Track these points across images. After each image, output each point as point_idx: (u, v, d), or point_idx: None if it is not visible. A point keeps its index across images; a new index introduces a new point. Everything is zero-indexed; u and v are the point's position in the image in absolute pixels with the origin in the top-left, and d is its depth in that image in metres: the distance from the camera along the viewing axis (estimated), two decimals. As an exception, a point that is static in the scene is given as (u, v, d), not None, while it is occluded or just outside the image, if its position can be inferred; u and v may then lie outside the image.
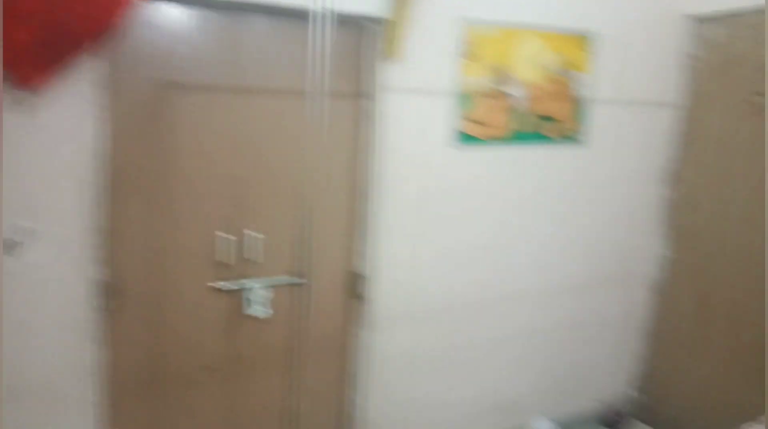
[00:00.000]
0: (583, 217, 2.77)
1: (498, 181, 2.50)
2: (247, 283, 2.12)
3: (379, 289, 2.33)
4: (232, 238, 2.08)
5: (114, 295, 1.93)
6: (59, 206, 1.77)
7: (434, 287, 2.46)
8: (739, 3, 2.55)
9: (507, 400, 2.79)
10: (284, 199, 2.14)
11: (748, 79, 2.61)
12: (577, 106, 2.58)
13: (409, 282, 2.40)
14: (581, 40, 2.52)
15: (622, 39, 2.63)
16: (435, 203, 2.38)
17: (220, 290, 2.10)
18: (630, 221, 2.91)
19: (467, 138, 2.36)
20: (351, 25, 2.13)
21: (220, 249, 2.07)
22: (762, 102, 2.53)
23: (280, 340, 2.23)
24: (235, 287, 2.12)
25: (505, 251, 2.59)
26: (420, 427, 2.58)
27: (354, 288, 2.33)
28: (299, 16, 1.96)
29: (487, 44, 2.32)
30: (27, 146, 1.69)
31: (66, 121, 1.73)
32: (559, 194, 2.67)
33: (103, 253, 1.87)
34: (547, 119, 2.51)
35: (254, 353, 2.20)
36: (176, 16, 1.88)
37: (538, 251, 2.69)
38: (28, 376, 1.81)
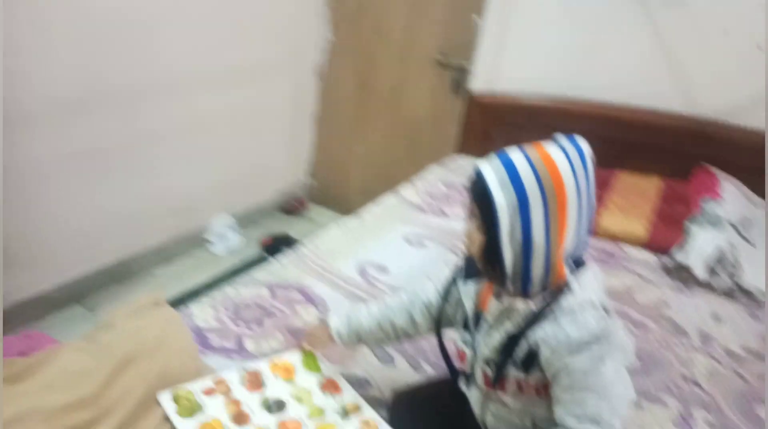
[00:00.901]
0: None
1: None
2: None
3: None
4: None
5: None
6: None
7: (74, 75, 2.00)
8: None
9: (181, 201, 2.62)
10: None
11: None
12: None
13: (40, 69, 1.89)
14: None
15: None
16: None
17: None
18: (295, 2, 2.78)
19: None
20: None
21: None
22: None
23: None
24: None
25: (158, 29, 2.21)
26: (81, 247, 2.25)
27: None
28: None
29: None
30: None
31: None
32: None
33: None
34: None
35: None
36: None
37: (199, 33, 2.38)
38: None
